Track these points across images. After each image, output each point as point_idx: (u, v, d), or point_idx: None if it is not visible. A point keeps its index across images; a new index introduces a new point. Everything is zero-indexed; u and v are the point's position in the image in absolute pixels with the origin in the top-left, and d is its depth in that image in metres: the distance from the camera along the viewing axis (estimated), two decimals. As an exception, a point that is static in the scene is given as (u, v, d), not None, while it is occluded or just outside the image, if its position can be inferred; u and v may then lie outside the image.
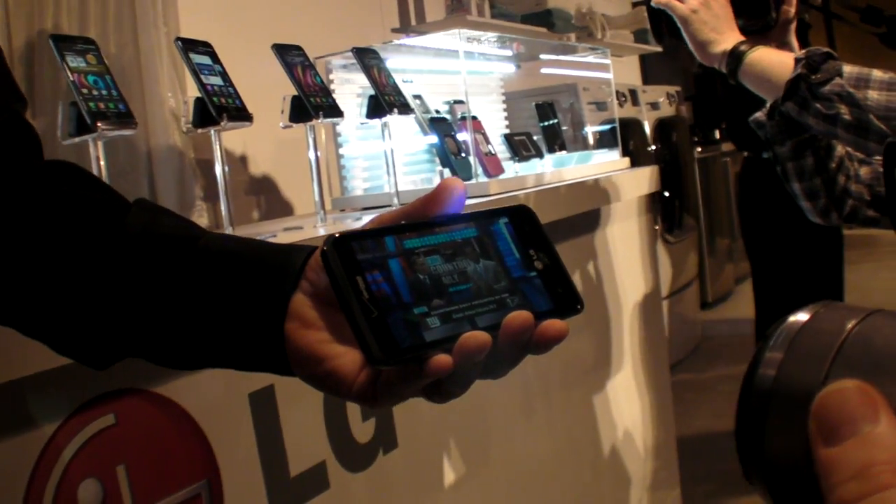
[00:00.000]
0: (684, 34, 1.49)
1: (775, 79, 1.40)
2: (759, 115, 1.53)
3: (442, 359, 0.55)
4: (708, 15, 1.47)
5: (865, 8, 2.56)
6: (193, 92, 1.56)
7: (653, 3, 1.49)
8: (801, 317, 0.42)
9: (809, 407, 0.35)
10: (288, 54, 1.69)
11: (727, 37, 1.46)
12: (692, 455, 3.24)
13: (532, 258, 0.64)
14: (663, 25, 1.51)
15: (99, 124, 1.34)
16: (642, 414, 2.56)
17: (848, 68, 1.34)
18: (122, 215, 0.65)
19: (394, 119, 1.81)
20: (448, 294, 0.59)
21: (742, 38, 1.46)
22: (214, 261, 0.63)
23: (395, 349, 0.54)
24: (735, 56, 1.44)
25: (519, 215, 0.66)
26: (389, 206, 1.89)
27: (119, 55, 2.33)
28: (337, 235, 0.57)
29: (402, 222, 0.62)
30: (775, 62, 1.41)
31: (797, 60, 1.36)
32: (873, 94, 1.31)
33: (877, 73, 1.33)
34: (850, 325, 0.39)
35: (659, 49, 4.76)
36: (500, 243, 0.64)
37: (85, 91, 1.36)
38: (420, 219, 0.62)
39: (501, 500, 1.88)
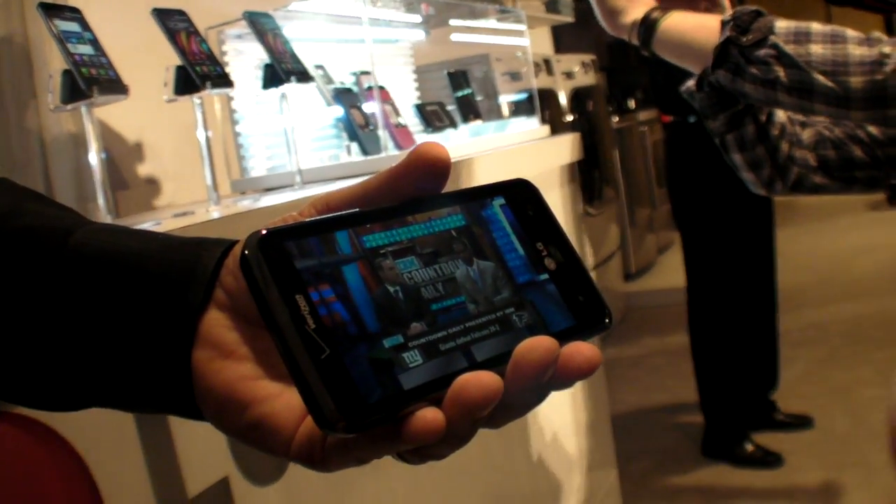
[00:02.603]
0: (591, 2, 1.33)
1: (698, 45, 1.23)
2: (691, 83, 1.40)
3: (429, 416, 0.37)
4: None
5: None
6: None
7: None
8: None
9: None
10: (170, 20, 1.51)
11: (637, 4, 1.30)
12: (625, 432, 3.15)
13: (541, 254, 0.46)
14: None
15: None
16: (573, 393, 2.45)
17: (782, 24, 1.18)
18: None
19: (293, 89, 1.64)
20: (431, 314, 0.41)
21: (654, 5, 1.30)
22: (89, 265, 0.45)
23: (359, 406, 0.36)
24: (647, 24, 1.27)
25: (518, 193, 0.49)
26: (292, 185, 1.72)
27: (9, 41, 2.13)
28: (264, 232, 0.38)
29: (357, 210, 0.42)
30: (696, 26, 1.25)
31: (723, 23, 1.20)
32: (817, 49, 1.15)
33: (816, 26, 1.18)
34: None
35: (571, 20, 4.66)
36: (497, 235, 0.46)
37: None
38: (384, 202, 0.43)
39: (430, 495, 1.74)
